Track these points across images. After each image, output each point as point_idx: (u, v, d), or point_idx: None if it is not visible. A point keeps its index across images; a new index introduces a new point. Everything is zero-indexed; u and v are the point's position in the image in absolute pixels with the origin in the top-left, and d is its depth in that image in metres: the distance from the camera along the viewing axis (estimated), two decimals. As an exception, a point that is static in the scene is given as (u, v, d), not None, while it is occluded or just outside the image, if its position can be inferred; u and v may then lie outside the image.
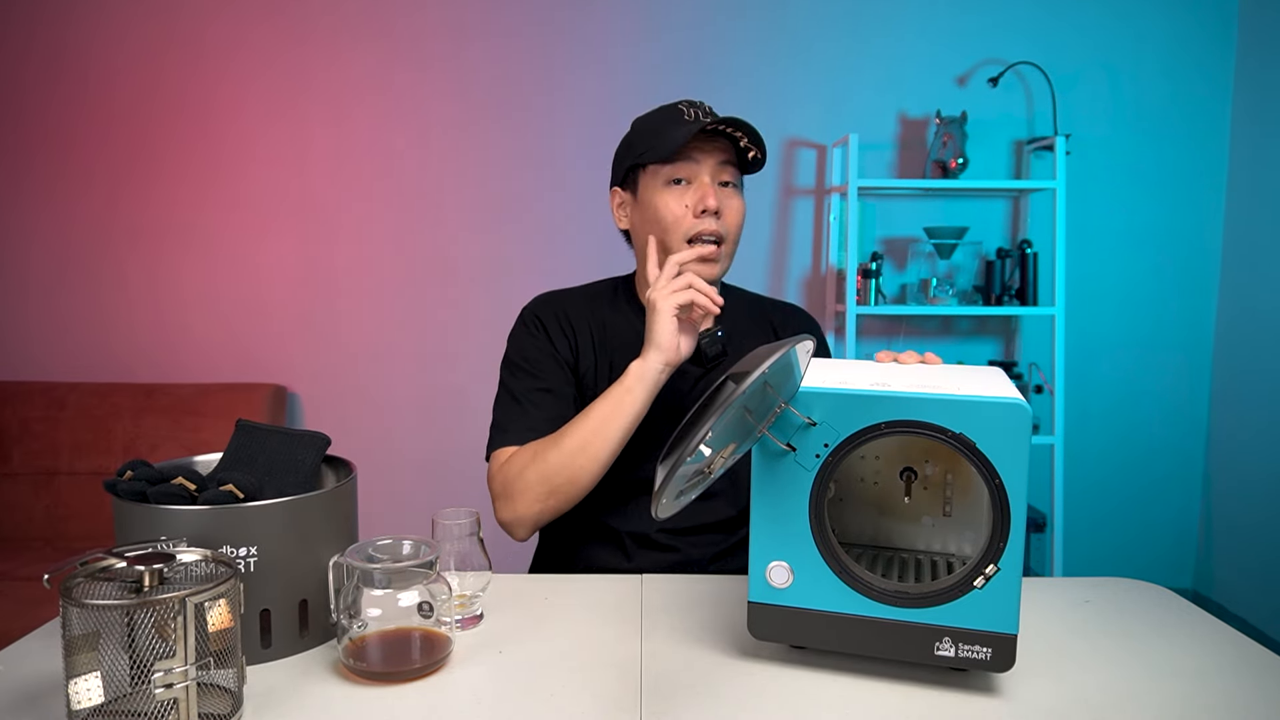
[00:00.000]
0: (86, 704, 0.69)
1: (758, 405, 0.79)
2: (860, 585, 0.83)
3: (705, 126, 1.18)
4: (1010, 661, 0.80)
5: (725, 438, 0.78)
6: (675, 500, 0.76)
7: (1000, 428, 0.78)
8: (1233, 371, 2.95)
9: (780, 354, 0.74)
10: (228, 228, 2.92)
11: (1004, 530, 0.78)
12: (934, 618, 0.81)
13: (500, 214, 2.94)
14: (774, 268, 2.99)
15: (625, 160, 1.29)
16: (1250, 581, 2.85)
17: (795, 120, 2.93)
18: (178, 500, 0.86)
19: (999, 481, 0.78)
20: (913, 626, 0.82)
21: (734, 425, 0.78)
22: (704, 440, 0.70)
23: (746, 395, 0.70)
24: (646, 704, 0.80)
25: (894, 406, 0.80)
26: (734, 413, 0.73)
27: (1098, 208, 2.96)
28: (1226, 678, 0.86)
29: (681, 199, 1.22)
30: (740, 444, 0.81)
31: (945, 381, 0.86)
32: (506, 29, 2.89)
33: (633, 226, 1.31)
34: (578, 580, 1.12)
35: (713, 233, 1.21)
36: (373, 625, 0.85)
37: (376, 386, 2.98)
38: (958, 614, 0.81)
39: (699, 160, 1.22)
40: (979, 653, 0.80)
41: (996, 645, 0.80)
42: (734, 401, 0.69)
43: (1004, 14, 2.91)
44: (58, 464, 2.68)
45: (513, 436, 1.23)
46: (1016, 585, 0.79)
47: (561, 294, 1.37)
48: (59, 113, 2.88)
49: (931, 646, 0.82)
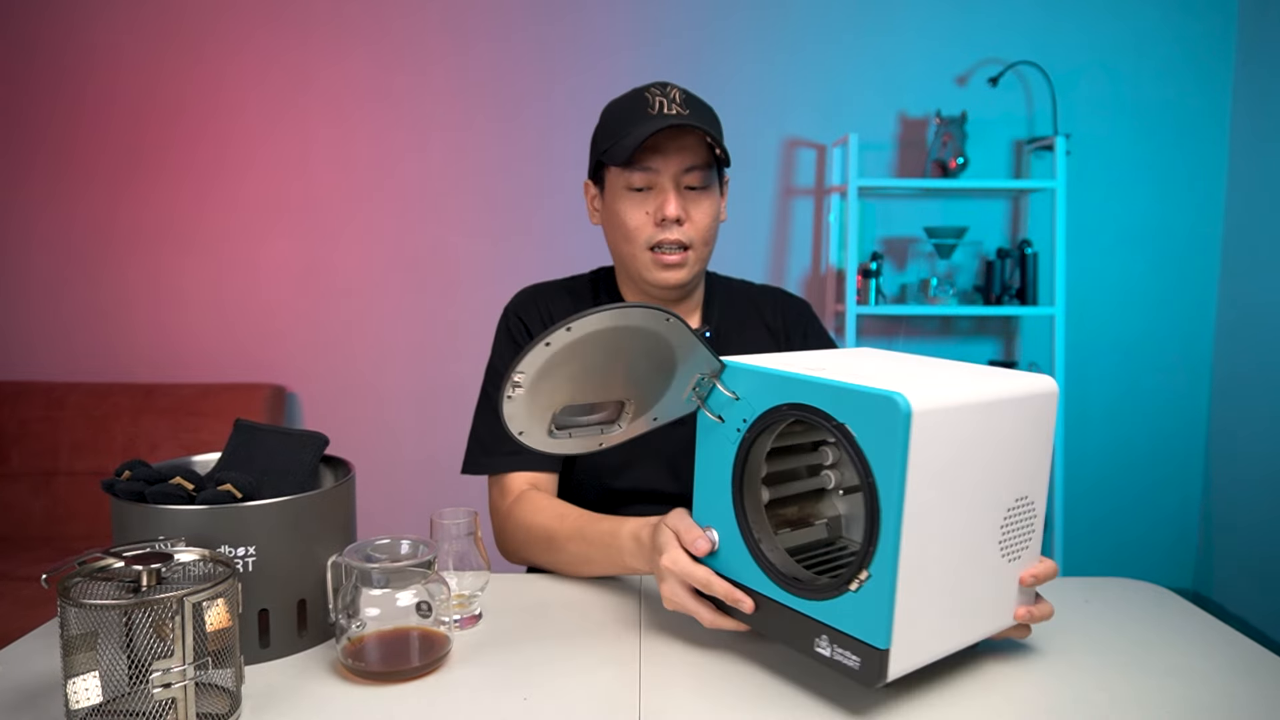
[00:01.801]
0: (85, 704, 0.68)
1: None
2: (766, 564, 0.82)
3: (659, 129, 1.10)
4: (877, 677, 0.72)
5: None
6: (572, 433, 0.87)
7: (875, 421, 0.71)
8: (1232, 371, 2.95)
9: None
10: (228, 228, 2.92)
11: (874, 533, 0.72)
12: (816, 612, 0.77)
13: (500, 214, 2.94)
14: (774, 268, 2.99)
15: (593, 153, 1.23)
16: (1250, 581, 2.84)
17: (795, 120, 2.93)
18: (176, 500, 0.86)
19: (871, 480, 0.72)
20: (799, 617, 0.79)
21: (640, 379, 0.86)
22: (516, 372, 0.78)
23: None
24: (646, 704, 0.80)
25: (793, 389, 0.78)
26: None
27: (1097, 208, 2.96)
28: (1226, 678, 0.86)
29: (642, 206, 1.16)
30: (665, 405, 0.89)
31: (880, 370, 0.82)
32: (506, 30, 2.89)
33: (602, 225, 1.25)
34: (577, 580, 1.12)
35: (674, 242, 1.15)
36: (371, 625, 0.85)
37: (376, 387, 2.98)
38: (835, 613, 0.76)
39: (660, 164, 1.14)
40: (849, 659, 0.75)
41: (865, 656, 0.73)
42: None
43: (1004, 14, 2.91)
44: (57, 464, 2.68)
45: (499, 462, 1.20)
46: (889, 596, 0.71)
47: (545, 290, 1.31)
48: (60, 113, 2.88)
49: (812, 641, 0.78)
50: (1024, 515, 0.83)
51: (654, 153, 1.13)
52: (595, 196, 1.25)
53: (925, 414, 0.70)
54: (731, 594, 0.84)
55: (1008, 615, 0.84)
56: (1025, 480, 0.82)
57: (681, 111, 1.14)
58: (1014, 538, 0.83)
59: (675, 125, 1.10)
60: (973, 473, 0.77)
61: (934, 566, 0.75)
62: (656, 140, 1.12)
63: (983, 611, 0.82)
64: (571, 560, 1.10)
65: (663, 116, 1.12)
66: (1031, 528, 0.84)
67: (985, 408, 0.77)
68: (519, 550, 1.18)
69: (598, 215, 1.26)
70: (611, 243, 1.23)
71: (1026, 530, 0.84)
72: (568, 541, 1.09)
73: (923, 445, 0.70)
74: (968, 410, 0.75)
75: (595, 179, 1.24)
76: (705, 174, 1.16)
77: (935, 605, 0.76)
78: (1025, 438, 0.82)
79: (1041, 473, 0.84)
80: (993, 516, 0.80)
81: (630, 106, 1.16)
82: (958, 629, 0.80)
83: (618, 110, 1.19)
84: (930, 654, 0.78)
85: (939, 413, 0.72)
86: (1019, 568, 0.84)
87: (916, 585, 0.73)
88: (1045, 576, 0.85)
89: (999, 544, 0.81)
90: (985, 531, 0.80)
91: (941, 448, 0.73)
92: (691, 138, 1.14)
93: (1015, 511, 0.82)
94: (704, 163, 1.16)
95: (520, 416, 0.82)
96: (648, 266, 1.18)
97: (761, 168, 2.93)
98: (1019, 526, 0.83)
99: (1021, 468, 0.82)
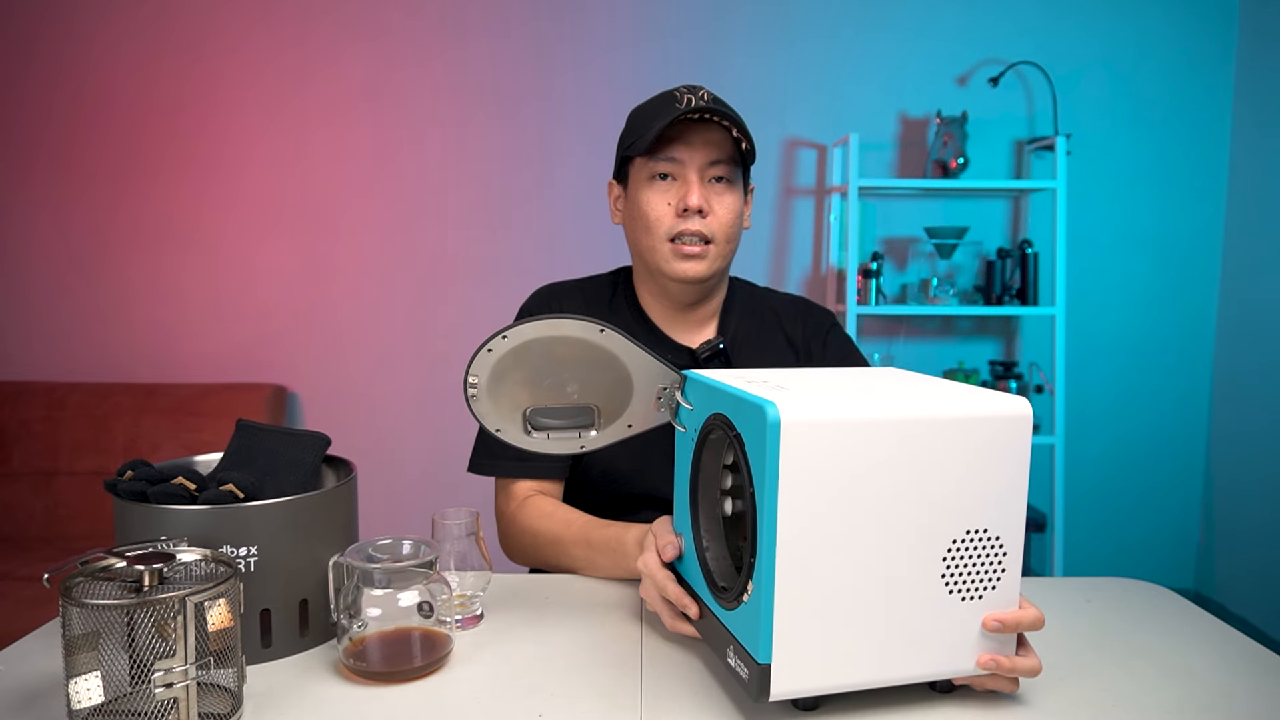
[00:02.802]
0: (86, 703, 0.68)
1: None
2: (705, 571, 0.83)
3: (684, 115, 1.09)
4: (760, 693, 0.71)
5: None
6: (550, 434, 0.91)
7: (755, 430, 0.70)
8: (1233, 371, 2.95)
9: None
10: (228, 228, 2.93)
11: (754, 546, 0.70)
12: (728, 621, 0.77)
13: (500, 213, 2.94)
14: (774, 268, 2.99)
15: (619, 150, 1.22)
16: (1251, 581, 2.85)
17: (795, 120, 2.93)
18: (178, 500, 0.86)
19: (750, 490, 0.70)
20: (719, 626, 0.79)
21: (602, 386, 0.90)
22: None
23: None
24: (646, 704, 0.80)
25: (717, 399, 0.79)
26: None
27: (1098, 208, 2.96)
28: (1226, 678, 0.86)
29: (665, 196, 1.15)
30: (634, 413, 0.92)
31: (821, 386, 0.79)
32: (506, 26, 2.89)
33: (624, 223, 1.24)
34: (578, 580, 1.12)
35: (695, 233, 1.14)
36: (373, 625, 0.85)
37: (376, 386, 2.98)
38: (737, 624, 0.75)
39: (685, 154, 1.13)
40: (744, 671, 0.73)
41: (752, 669, 0.71)
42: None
43: (1004, 14, 2.91)
44: (58, 464, 2.68)
45: (505, 465, 1.21)
46: (768, 611, 0.69)
47: (559, 289, 1.29)
48: (60, 113, 2.88)
49: (725, 651, 0.77)
50: (980, 550, 0.75)
51: (679, 142, 1.13)
52: (619, 196, 1.25)
53: (799, 424, 0.68)
54: (681, 599, 0.86)
55: (968, 660, 0.77)
56: (981, 512, 0.74)
57: (709, 107, 1.14)
58: (967, 574, 0.75)
59: (702, 117, 1.11)
60: (891, 495, 0.72)
61: (827, 587, 0.71)
62: (682, 130, 1.12)
63: (927, 650, 0.76)
64: (577, 564, 1.12)
65: (690, 109, 1.12)
66: (994, 566, 0.76)
67: (908, 426, 0.72)
68: (524, 553, 1.19)
69: (620, 214, 1.25)
70: (631, 237, 1.22)
71: (986, 567, 0.76)
72: (573, 546, 1.11)
73: (799, 458, 0.69)
74: (874, 428, 0.71)
75: (619, 177, 1.24)
76: (730, 169, 1.16)
77: (839, 629, 0.72)
78: (982, 465, 0.74)
79: (1009, 504, 0.75)
80: (930, 548, 0.74)
81: (658, 103, 1.17)
82: (885, 662, 0.75)
83: (646, 108, 1.19)
84: (837, 680, 0.74)
85: (824, 426, 0.69)
86: (981, 609, 0.76)
87: (802, 604, 0.70)
88: (1018, 624, 0.76)
89: (943, 579, 0.75)
90: (919, 563, 0.74)
91: (829, 462, 0.70)
92: (717, 133, 1.14)
93: (966, 545, 0.75)
94: (729, 157, 1.15)
95: (490, 415, 0.88)
96: (667, 258, 1.17)
97: (762, 168, 2.93)
98: (972, 562, 0.75)
99: (975, 497, 0.74)
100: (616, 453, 1.23)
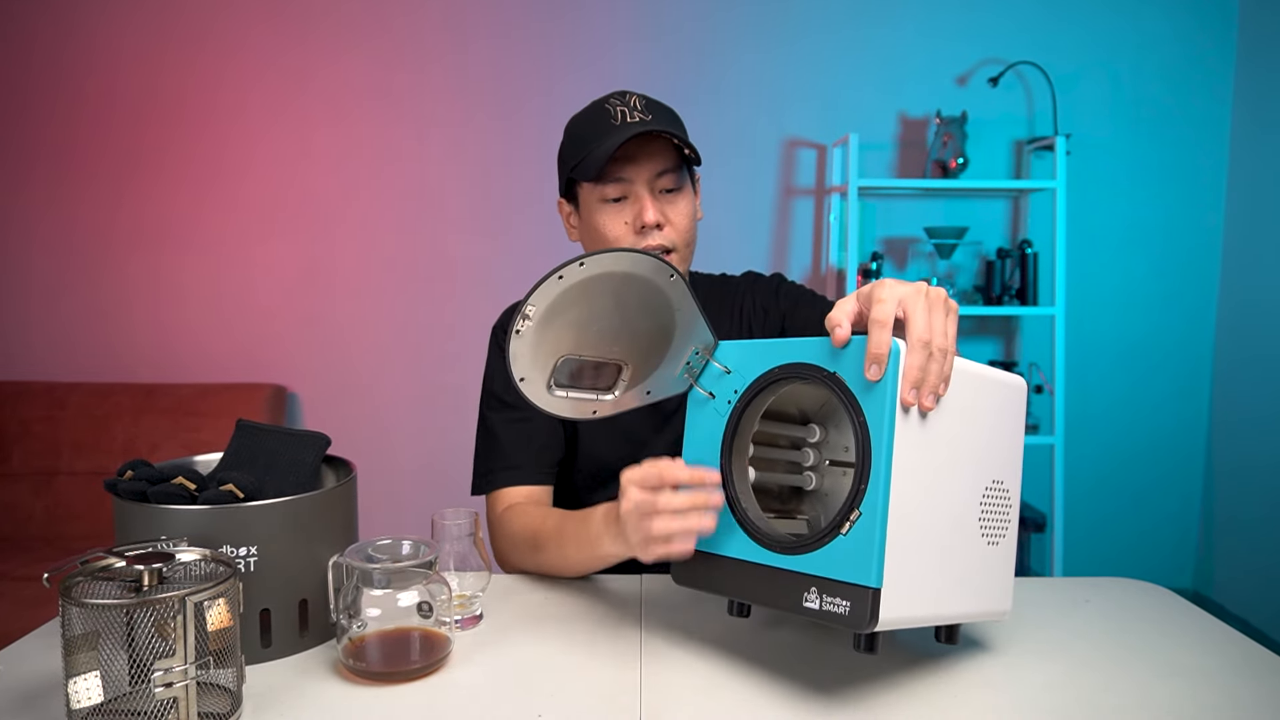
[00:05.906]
0: (86, 703, 0.69)
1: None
2: (753, 529, 0.83)
3: (626, 139, 1.09)
4: (867, 619, 0.73)
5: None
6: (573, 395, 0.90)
7: (859, 367, 0.76)
8: (1233, 371, 2.95)
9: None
10: (228, 228, 2.93)
11: (865, 471, 0.75)
12: (805, 565, 0.78)
13: (500, 214, 2.94)
14: (774, 268, 2.99)
15: (562, 171, 1.21)
16: (1250, 582, 2.85)
17: (795, 120, 2.93)
18: (178, 500, 0.86)
19: (861, 419, 0.75)
20: (788, 575, 0.79)
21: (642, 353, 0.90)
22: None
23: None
24: (646, 704, 0.80)
25: (787, 351, 0.82)
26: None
27: (1098, 208, 2.96)
28: (1226, 678, 0.86)
29: (620, 216, 1.15)
30: (659, 378, 0.92)
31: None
32: (506, 27, 2.89)
33: (581, 241, 1.25)
34: (577, 580, 1.12)
35: (657, 247, 1.14)
36: (372, 625, 0.85)
37: (376, 387, 2.98)
38: (824, 563, 0.77)
39: (632, 172, 1.13)
40: (839, 606, 0.75)
41: (855, 599, 0.74)
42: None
43: (1004, 14, 2.91)
44: (58, 464, 2.68)
45: (498, 478, 1.20)
46: (880, 533, 0.73)
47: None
48: (61, 113, 2.88)
49: (801, 597, 0.78)
50: (1000, 500, 0.85)
51: (624, 162, 1.13)
52: (571, 214, 1.24)
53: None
54: (697, 475, 0.82)
55: (989, 601, 0.86)
56: (1000, 465, 0.85)
57: (645, 118, 1.13)
58: (992, 520, 0.84)
59: (642, 133, 1.10)
60: (954, 435, 0.79)
61: (922, 517, 0.76)
62: (625, 149, 1.11)
63: (967, 588, 0.83)
64: (555, 559, 1.09)
65: (627, 126, 1.12)
66: (1007, 516, 0.86)
67: (964, 375, 0.80)
68: (508, 556, 1.18)
69: (575, 232, 1.25)
70: None
71: (1003, 516, 0.86)
72: (548, 541, 1.09)
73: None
74: (957, 374, 0.78)
75: (568, 196, 1.23)
76: (677, 176, 1.16)
77: (923, 560, 0.77)
78: (1001, 422, 0.85)
79: (1014, 463, 0.87)
80: (972, 491, 0.82)
81: (593, 119, 1.16)
82: (945, 597, 0.81)
83: (581, 125, 1.18)
84: (919, 612, 0.78)
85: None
86: (998, 554, 0.85)
87: (905, 529, 0.75)
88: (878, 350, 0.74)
89: (979, 522, 0.83)
90: (966, 505, 0.82)
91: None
92: (659, 142, 1.13)
93: (992, 494, 0.84)
94: (674, 165, 1.15)
95: (525, 358, 0.85)
96: None
97: (762, 168, 2.93)
98: (996, 510, 0.85)
99: (997, 450, 0.85)
100: (607, 452, 1.24)
